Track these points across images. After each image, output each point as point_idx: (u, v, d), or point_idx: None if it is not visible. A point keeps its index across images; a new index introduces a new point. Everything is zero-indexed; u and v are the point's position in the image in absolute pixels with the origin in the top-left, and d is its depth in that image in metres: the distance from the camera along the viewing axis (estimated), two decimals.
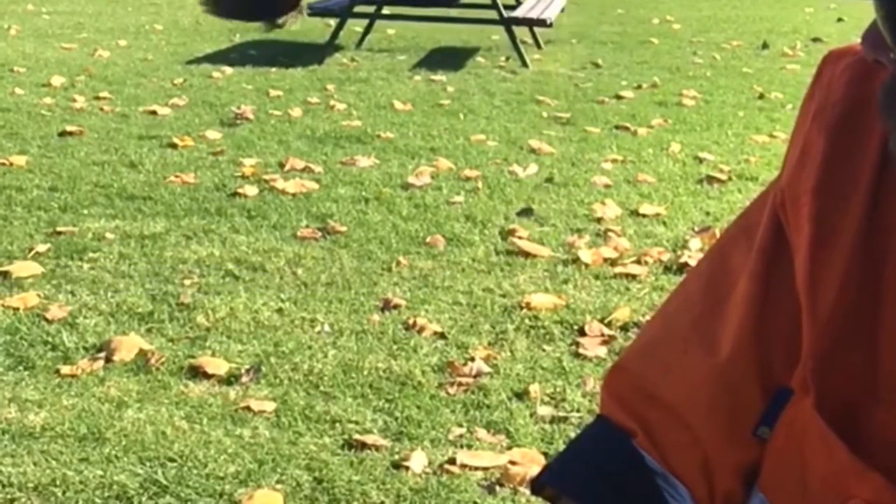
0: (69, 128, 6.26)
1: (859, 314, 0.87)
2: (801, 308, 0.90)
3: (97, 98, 7.16)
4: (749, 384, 0.94)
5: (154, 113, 6.75)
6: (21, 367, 3.36)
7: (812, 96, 0.94)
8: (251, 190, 5.13)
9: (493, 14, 8.97)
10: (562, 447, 2.85)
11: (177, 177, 5.35)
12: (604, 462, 1.01)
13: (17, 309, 3.76)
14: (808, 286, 0.89)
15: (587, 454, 1.04)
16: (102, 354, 3.44)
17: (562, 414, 3.17)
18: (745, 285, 0.96)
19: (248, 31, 10.12)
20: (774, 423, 0.93)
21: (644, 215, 4.96)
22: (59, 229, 4.57)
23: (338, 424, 3.08)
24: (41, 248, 4.36)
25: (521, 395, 3.27)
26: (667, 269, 4.31)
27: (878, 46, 0.78)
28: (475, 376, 3.37)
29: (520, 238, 4.59)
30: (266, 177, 5.34)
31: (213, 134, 6.26)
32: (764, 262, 0.95)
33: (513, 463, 2.88)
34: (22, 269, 4.11)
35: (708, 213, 5.04)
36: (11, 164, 5.50)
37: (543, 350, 3.59)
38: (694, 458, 0.98)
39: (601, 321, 3.77)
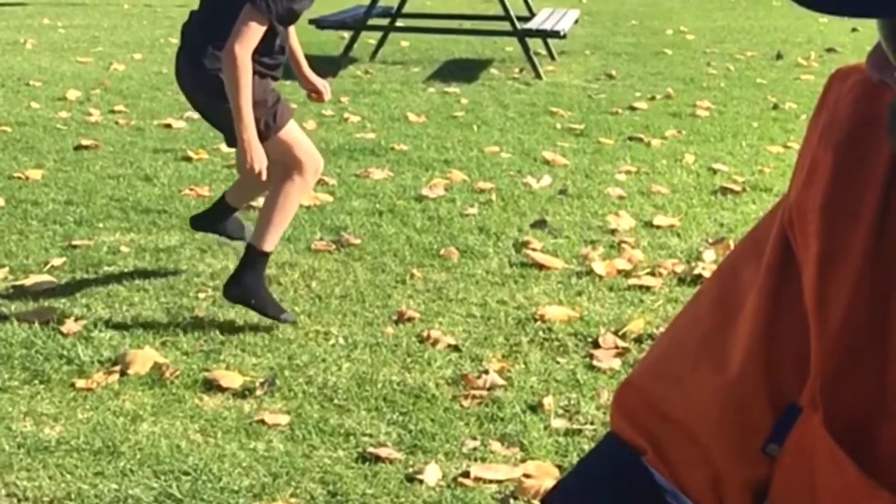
0: (84, 141, 6.29)
1: (869, 331, 0.87)
2: (810, 325, 0.90)
3: (112, 111, 7.19)
4: (758, 401, 0.94)
5: (169, 126, 6.78)
6: (36, 381, 3.38)
7: (819, 114, 0.94)
8: None
9: (506, 26, 8.98)
10: (576, 460, 2.85)
11: (192, 190, 5.37)
12: (613, 480, 1.01)
13: (33, 322, 3.77)
14: (817, 303, 0.89)
15: (597, 472, 1.04)
16: (117, 368, 3.45)
17: (576, 426, 3.16)
18: (754, 302, 0.96)
19: None
20: (784, 441, 0.93)
21: (658, 227, 4.95)
22: (74, 243, 4.59)
23: (352, 437, 3.08)
24: (56, 261, 4.38)
25: (536, 408, 3.27)
26: (681, 280, 4.30)
27: (882, 66, 0.78)
28: (489, 389, 3.37)
29: (534, 250, 4.59)
30: None
31: (228, 147, 6.27)
32: (772, 278, 0.95)
33: (527, 476, 2.88)
34: (37, 282, 4.13)
35: (722, 225, 5.03)
36: (27, 178, 5.53)
37: (557, 362, 3.58)
38: (704, 475, 0.98)
39: (615, 333, 3.77)
